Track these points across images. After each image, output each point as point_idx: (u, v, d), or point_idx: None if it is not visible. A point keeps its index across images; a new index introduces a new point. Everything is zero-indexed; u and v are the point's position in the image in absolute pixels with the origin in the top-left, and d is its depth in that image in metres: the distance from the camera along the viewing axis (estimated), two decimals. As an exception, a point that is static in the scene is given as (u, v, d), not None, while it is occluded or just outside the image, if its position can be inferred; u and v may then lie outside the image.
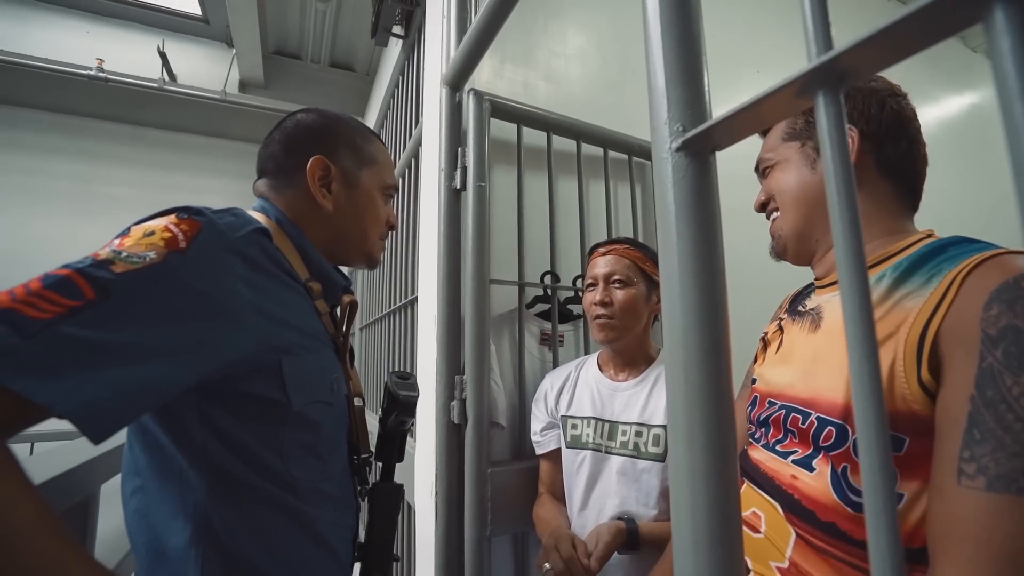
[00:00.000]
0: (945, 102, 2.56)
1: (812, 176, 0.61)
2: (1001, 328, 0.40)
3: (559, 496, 1.03)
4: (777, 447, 0.58)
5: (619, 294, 0.96)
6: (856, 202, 0.26)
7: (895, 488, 0.22)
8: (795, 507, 0.53)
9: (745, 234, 1.11)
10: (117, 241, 0.45)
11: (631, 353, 1.00)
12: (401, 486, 0.70)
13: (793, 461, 0.55)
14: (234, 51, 3.00)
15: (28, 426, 0.38)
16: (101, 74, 2.80)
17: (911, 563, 0.44)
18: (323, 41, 3.18)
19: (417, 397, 0.73)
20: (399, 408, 0.71)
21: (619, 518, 0.85)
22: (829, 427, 0.51)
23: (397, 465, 0.74)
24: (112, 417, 0.39)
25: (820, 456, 0.52)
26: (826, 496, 0.50)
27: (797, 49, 1.92)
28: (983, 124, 2.73)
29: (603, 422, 0.97)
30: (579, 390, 1.04)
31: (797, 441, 0.56)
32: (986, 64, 2.95)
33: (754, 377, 0.68)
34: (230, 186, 3.65)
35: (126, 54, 3.03)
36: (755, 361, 0.72)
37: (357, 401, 0.67)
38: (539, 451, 1.06)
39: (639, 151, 1.47)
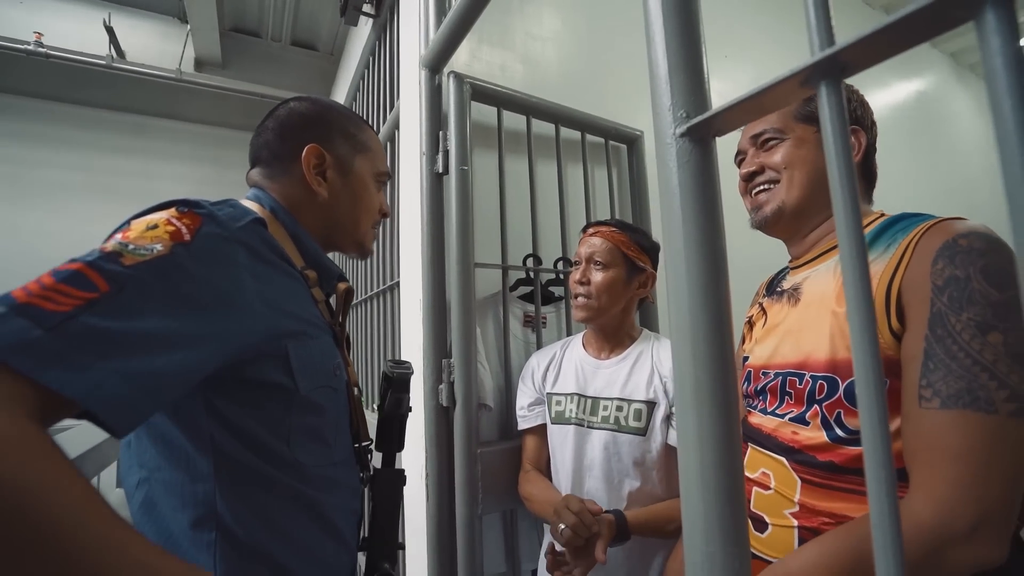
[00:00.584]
0: (892, 88, 2.70)
1: (825, 164, 0.67)
2: (946, 278, 0.50)
3: (544, 471, 1.06)
4: (776, 411, 0.65)
5: (597, 275, 0.99)
6: (855, 180, 0.29)
7: (887, 420, 0.26)
8: (798, 456, 0.61)
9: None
10: (119, 235, 0.44)
11: (612, 332, 1.03)
12: (403, 471, 0.71)
13: (790, 419, 0.62)
14: (188, 27, 2.84)
15: (58, 421, 0.37)
16: (40, 49, 2.60)
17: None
18: (284, 18, 3.05)
19: (410, 373, 0.74)
20: (392, 384, 0.72)
21: (607, 512, 0.88)
22: (820, 381, 0.58)
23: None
24: (137, 410, 0.39)
25: (812, 410, 0.60)
26: (822, 441, 0.58)
27: (764, 34, 1.97)
28: (927, 110, 2.90)
29: (585, 398, 1.00)
30: (564, 368, 1.07)
31: (793, 402, 0.62)
32: (931, 52, 3.11)
33: (745, 355, 0.74)
34: (184, 170, 3.48)
35: (68, 28, 2.82)
36: (742, 342, 0.78)
37: (355, 391, 0.68)
38: (524, 425, 1.08)
39: (615, 135, 1.49)
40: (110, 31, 2.78)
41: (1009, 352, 0.46)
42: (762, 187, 0.70)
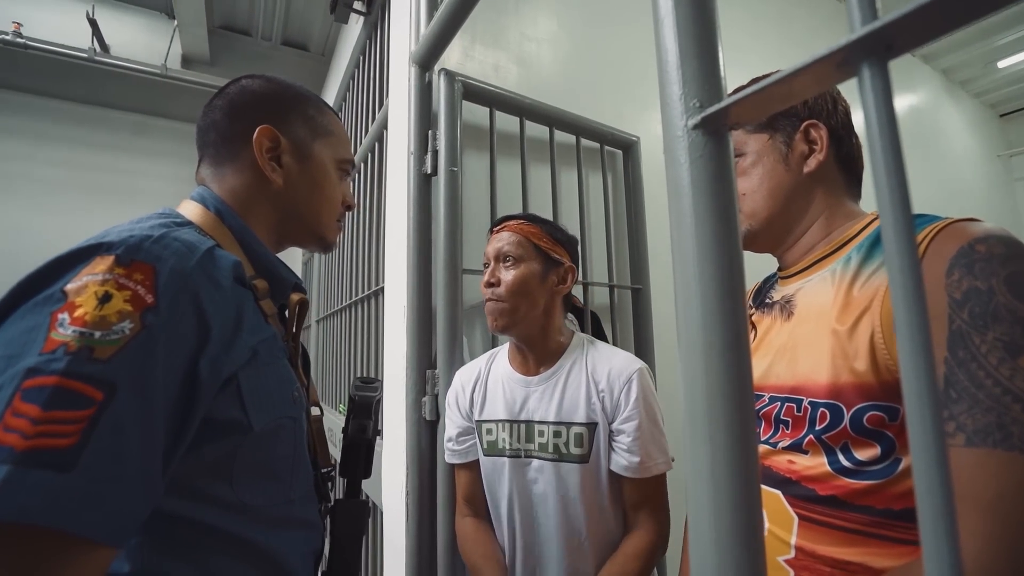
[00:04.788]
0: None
1: (787, 173, 0.62)
2: (964, 291, 0.43)
3: (483, 511, 0.91)
4: (770, 440, 0.58)
5: (508, 273, 0.85)
6: (907, 186, 0.24)
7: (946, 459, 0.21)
8: (795, 489, 0.54)
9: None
10: (64, 316, 0.36)
11: (537, 340, 0.88)
12: (367, 502, 0.64)
13: (783, 448, 0.56)
14: (176, 23, 2.78)
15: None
16: (19, 39, 2.52)
17: (909, 522, 0.46)
18: (275, 17, 3.00)
19: (374, 397, 0.68)
20: (355, 409, 0.66)
21: None
22: (822, 409, 0.52)
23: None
24: (142, 518, 0.37)
25: (809, 438, 0.53)
26: (823, 471, 0.51)
27: (761, 41, 1.95)
28: (920, 124, 2.91)
29: (519, 424, 0.86)
30: (491, 389, 0.91)
31: (788, 432, 0.56)
32: (923, 68, 3.14)
33: None
34: (167, 168, 3.40)
35: (49, 19, 2.74)
36: None
37: (314, 411, 0.61)
38: (454, 460, 0.92)
39: (611, 140, 1.46)
40: (93, 24, 2.71)
41: None
42: None
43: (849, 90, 0.61)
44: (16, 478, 0.30)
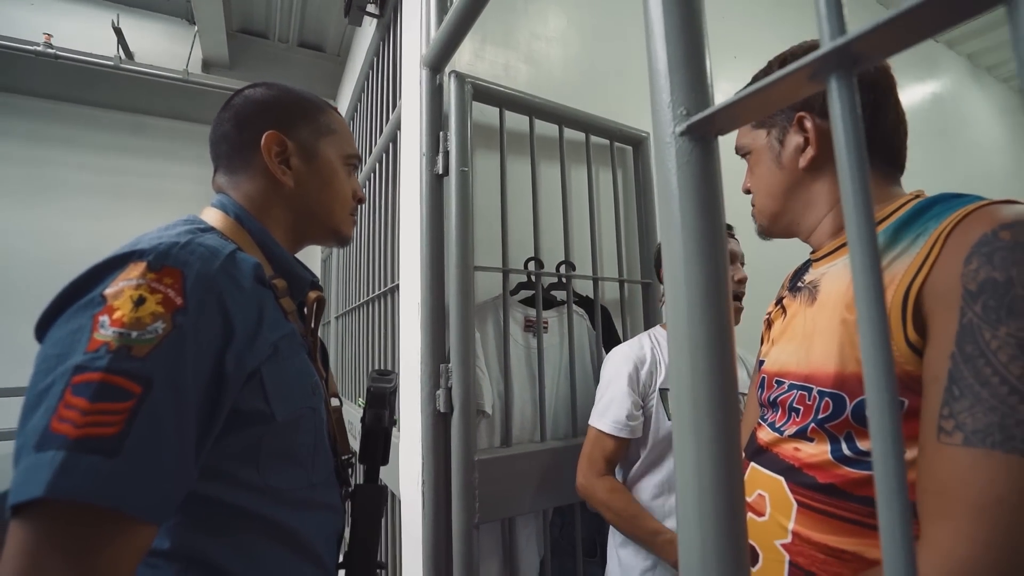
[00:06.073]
0: (909, 90, 2.64)
1: (779, 171, 0.63)
2: (980, 282, 0.40)
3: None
4: (782, 428, 0.59)
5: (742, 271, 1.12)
6: (869, 192, 0.26)
7: (902, 450, 0.22)
8: (797, 476, 0.55)
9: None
10: (105, 318, 0.40)
11: None
12: (385, 487, 0.68)
13: (790, 436, 0.57)
14: (196, 28, 2.85)
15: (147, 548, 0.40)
16: (50, 50, 2.62)
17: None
18: (291, 19, 3.05)
19: (388, 388, 0.71)
20: (370, 399, 0.70)
21: None
22: (826, 399, 0.52)
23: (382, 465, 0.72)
24: (179, 500, 0.42)
25: (812, 426, 0.54)
26: (825, 461, 0.52)
27: (776, 35, 1.94)
28: (943, 112, 2.84)
29: None
30: None
31: (798, 420, 0.57)
32: (947, 54, 3.05)
33: (762, 359, 0.68)
34: (191, 169, 3.48)
35: (77, 29, 2.83)
36: (761, 343, 0.72)
37: (334, 401, 0.65)
38: (625, 435, 1.01)
39: (620, 136, 1.47)
40: (118, 32, 2.79)
41: None
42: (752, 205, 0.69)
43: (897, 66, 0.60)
44: (71, 462, 0.34)
